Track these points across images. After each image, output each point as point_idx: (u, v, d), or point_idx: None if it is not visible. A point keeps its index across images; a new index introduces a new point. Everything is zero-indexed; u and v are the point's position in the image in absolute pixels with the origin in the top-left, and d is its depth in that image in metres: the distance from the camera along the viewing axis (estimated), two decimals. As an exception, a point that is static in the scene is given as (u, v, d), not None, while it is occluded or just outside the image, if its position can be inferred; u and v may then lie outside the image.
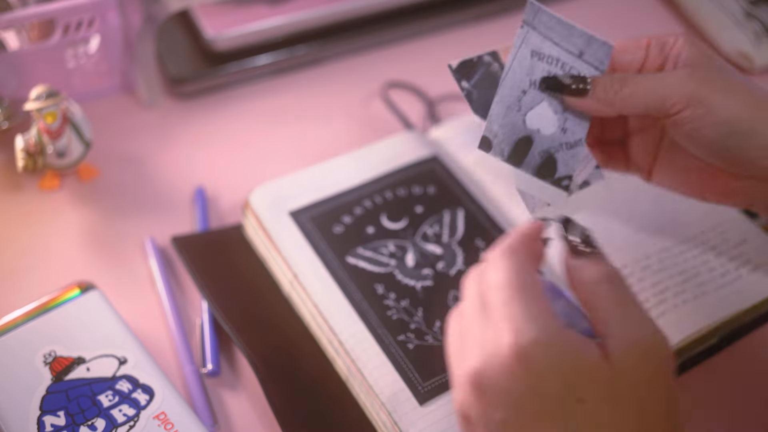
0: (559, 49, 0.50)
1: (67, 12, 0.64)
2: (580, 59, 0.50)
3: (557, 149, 0.50)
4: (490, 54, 0.50)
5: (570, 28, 0.51)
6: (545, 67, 0.50)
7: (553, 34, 0.50)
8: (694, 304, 0.56)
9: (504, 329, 0.37)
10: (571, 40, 0.50)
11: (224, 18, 0.73)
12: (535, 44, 0.50)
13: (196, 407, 0.51)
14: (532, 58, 0.50)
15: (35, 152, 0.60)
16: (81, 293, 0.53)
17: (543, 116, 0.50)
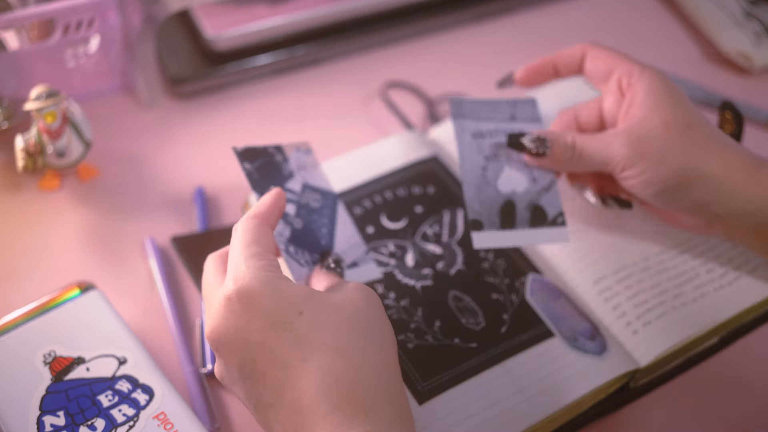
0: (494, 122, 0.56)
1: (66, 12, 0.64)
2: (514, 122, 0.56)
3: (538, 197, 0.54)
4: (276, 147, 0.54)
5: (493, 103, 0.57)
6: (490, 140, 0.55)
7: (481, 113, 0.56)
8: (694, 306, 0.56)
9: (226, 281, 0.42)
10: (499, 110, 0.57)
11: (224, 18, 0.73)
12: (471, 128, 0.55)
13: (195, 407, 0.51)
14: (475, 139, 0.55)
15: (35, 152, 0.60)
16: (81, 293, 0.53)
17: (511, 178, 0.55)
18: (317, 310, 0.41)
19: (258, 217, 0.46)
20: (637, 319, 0.55)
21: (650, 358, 0.53)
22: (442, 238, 0.58)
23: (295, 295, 0.41)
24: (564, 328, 0.54)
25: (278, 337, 0.40)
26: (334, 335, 0.40)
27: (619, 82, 0.55)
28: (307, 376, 0.39)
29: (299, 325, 0.40)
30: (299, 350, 0.40)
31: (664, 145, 0.51)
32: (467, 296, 0.55)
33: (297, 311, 0.40)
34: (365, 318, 0.42)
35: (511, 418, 0.49)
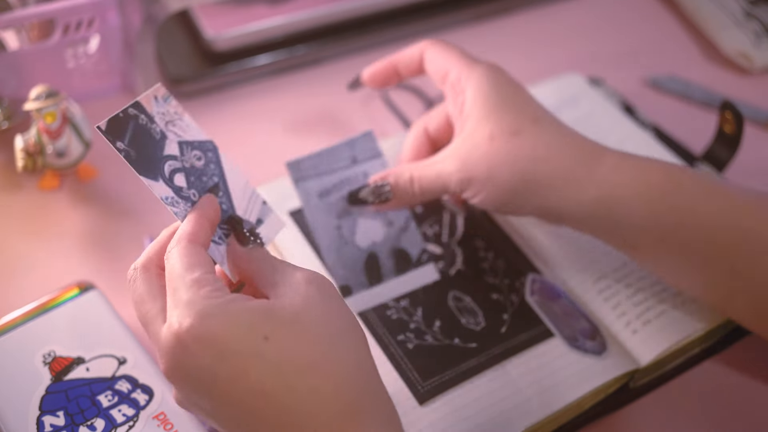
0: (337, 173, 0.54)
1: (66, 12, 0.64)
2: (356, 164, 0.55)
3: (398, 240, 0.55)
4: (133, 105, 0.45)
5: (331, 151, 0.55)
6: (337, 195, 0.54)
7: (322, 167, 0.54)
8: (694, 305, 0.56)
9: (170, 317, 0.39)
10: (339, 157, 0.55)
11: (224, 18, 0.73)
12: (316, 189, 0.54)
13: (195, 407, 0.51)
14: (322, 199, 0.54)
15: (35, 152, 0.60)
16: (80, 293, 0.53)
17: (368, 229, 0.54)
18: (280, 328, 0.39)
19: (186, 237, 0.42)
20: (636, 318, 0.55)
21: (650, 357, 0.53)
22: (441, 238, 0.58)
23: (253, 319, 0.38)
24: (564, 328, 0.54)
25: (251, 368, 0.38)
26: (306, 351, 0.38)
27: (454, 85, 0.54)
28: (289, 400, 0.38)
29: (269, 353, 0.38)
30: (276, 377, 0.38)
31: (491, 162, 0.50)
32: (467, 296, 0.55)
33: (262, 336, 0.38)
34: (327, 317, 0.40)
35: (511, 418, 0.49)
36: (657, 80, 0.75)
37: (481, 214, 0.60)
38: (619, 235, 0.51)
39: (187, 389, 0.40)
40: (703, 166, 0.65)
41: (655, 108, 0.72)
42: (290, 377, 0.38)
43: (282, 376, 0.38)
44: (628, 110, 0.70)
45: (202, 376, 0.38)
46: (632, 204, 0.49)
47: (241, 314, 0.39)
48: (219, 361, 0.38)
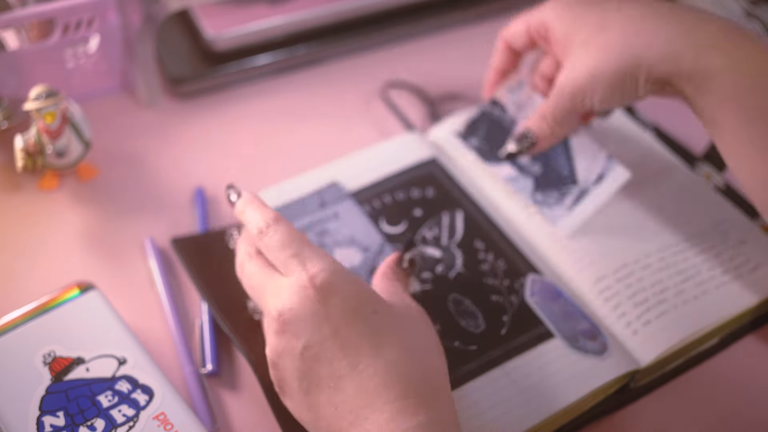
0: (309, 215, 0.58)
1: (66, 12, 0.63)
2: (325, 208, 0.58)
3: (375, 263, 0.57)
4: (491, 102, 0.58)
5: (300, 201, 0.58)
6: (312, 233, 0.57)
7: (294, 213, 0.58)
8: (695, 304, 0.56)
9: (298, 271, 0.44)
10: (308, 204, 0.58)
11: (224, 18, 0.73)
12: None
13: (195, 408, 0.51)
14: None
15: (34, 152, 0.60)
16: (80, 293, 0.53)
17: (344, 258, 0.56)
18: (389, 311, 0.45)
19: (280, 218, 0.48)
20: (637, 318, 0.55)
21: (651, 358, 0.53)
22: (441, 241, 0.58)
23: (371, 294, 0.45)
24: (564, 329, 0.54)
25: (354, 327, 0.43)
26: (403, 336, 0.44)
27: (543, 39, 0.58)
28: (375, 365, 0.42)
29: (374, 321, 0.43)
30: (373, 342, 0.43)
31: (592, 60, 0.53)
32: (467, 299, 0.55)
33: (372, 309, 0.44)
34: (425, 331, 0.47)
35: (512, 419, 0.49)
36: (657, 80, 0.75)
37: (480, 214, 0.60)
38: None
39: (291, 332, 0.43)
40: (704, 166, 0.65)
41: (655, 108, 0.72)
42: (381, 344, 0.43)
43: (374, 340, 0.43)
44: (628, 110, 0.69)
45: (314, 318, 0.43)
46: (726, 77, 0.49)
47: (361, 284, 0.45)
48: (333, 308, 0.43)
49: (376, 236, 0.57)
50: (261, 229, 0.47)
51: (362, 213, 0.58)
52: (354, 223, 0.58)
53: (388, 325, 0.44)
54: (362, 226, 0.58)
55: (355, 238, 0.57)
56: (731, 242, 0.60)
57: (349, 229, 0.57)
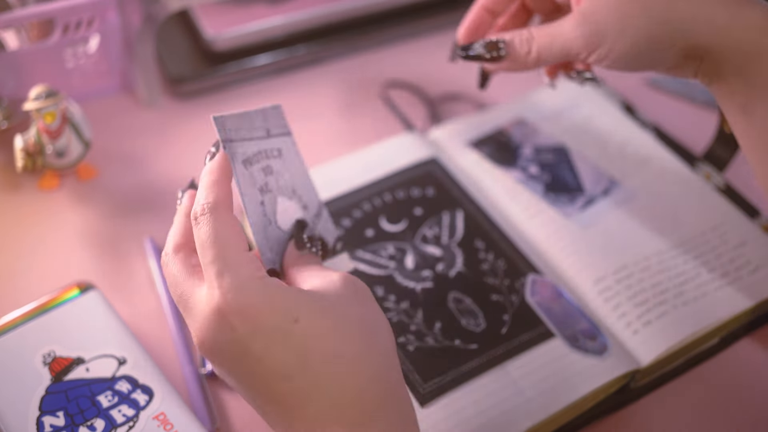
0: (255, 142, 0.49)
1: (66, 12, 0.63)
2: (270, 138, 0.49)
3: (314, 227, 0.49)
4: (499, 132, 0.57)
5: (247, 116, 0.49)
6: (258, 167, 0.48)
7: (243, 133, 0.48)
8: (695, 305, 0.56)
9: (211, 286, 0.39)
10: (255, 126, 0.49)
11: (224, 18, 0.73)
12: (241, 154, 0.48)
13: (195, 408, 0.51)
14: (247, 168, 0.48)
15: (34, 152, 0.60)
16: (80, 293, 0.53)
17: (287, 210, 0.49)
18: (313, 315, 0.39)
19: (220, 205, 0.42)
20: (637, 318, 0.55)
21: (651, 358, 0.53)
22: (441, 240, 0.58)
23: (288, 301, 0.39)
24: (564, 329, 0.54)
25: (276, 348, 0.38)
26: (333, 341, 0.39)
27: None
28: (309, 386, 0.38)
29: (296, 334, 0.38)
30: (300, 361, 0.38)
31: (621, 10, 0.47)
32: (467, 297, 0.55)
33: (292, 318, 0.39)
34: (360, 317, 0.41)
35: (512, 418, 0.49)
36: (657, 80, 0.75)
37: (480, 214, 0.60)
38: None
39: (217, 362, 0.40)
40: (704, 166, 0.65)
41: (655, 108, 0.72)
42: (314, 364, 0.38)
43: (306, 361, 0.38)
44: (629, 110, 0.69)
45: (233, 349, 0.39)
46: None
47: (277, 295, 0.39)
48: (251, 337, 0.38)
49: (315, 197, 0.50)
50: (195, 214, 0.42)
51: (301, 160, 0.50)
52: (295, 170, 0.50)
53: (314, 331, 0.39)
54: (301, 177, 0.50)
55: (296, 191, 0.49)
56: (731, 243, 0.59)
57: (291, 175, 0.50)
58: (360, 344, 0.40)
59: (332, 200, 0.60)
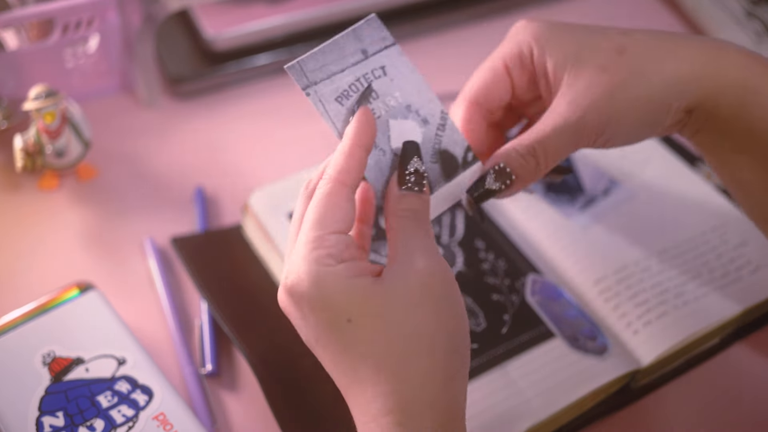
0: (349, 70, 0.44)
1: (66, 11, 0.63)
2: (368, 58, 0.45)
3: (438, 140, 0.45)
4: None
5: (334, 44, 0.44)
6: (356, 97, 0.44)
7: (331, 67, 0.44)
8: (695, 306, 0.56)
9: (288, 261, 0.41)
10: (347, 51, 0.45)
11: (224, 17, 0.73)
12: (330, 93, 0.44)
13: (195, 408, 0.51)
14: (342, 104, 0.44)
15: (34, 152, 0.60)
16: (80, 293, 0.53)
17: (402, 131, 0.45)
18: (365, 320, 0.39)
19: (333, 180, 0.41)
20: (637, 318, 0.55)
21: (651, 358, 0.53)
22: (441, 240, 0.58)
23: (343, 299, 0.39)
24: (565, 329, 0.54)
25: (330, 339, 0.40)
26: (382, 347, 0.39)
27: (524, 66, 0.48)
28: (351, 380, 0.39)
29: (347, 333, 0.39)
30: (347, 358, 0.39)
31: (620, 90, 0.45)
32: (467, 297, 0.55)
33: (345, 318, 0.39)
34: (419, 319, 0.39)
35: (513, 418, 0.49)
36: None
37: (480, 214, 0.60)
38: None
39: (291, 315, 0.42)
40: (704, 166, 0.65)
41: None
42: (355, 360, 0.39)
43: (348, 355, 0.39)
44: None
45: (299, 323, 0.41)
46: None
47: (334, 291, 0.39)
48: (307, 325, 0.40)
49: (436, 106, 0.45)
50: (311, 180, 0.43)
51: (412, 69, 0.46)
52: (406, 83, 0.45)
53: (363, 336, 0.39)
54: (416, 88, 0.45)
55: (411, 106, 0.45)
56: (732, 243, 0.59)
57: (402, 92, 0.45)
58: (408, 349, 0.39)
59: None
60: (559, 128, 0.45)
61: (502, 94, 0.49)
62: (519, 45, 0.48)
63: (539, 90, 0.49)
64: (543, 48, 0.47)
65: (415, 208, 0.42)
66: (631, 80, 0.45)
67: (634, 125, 0.46)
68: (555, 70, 0.46)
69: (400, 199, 0.43)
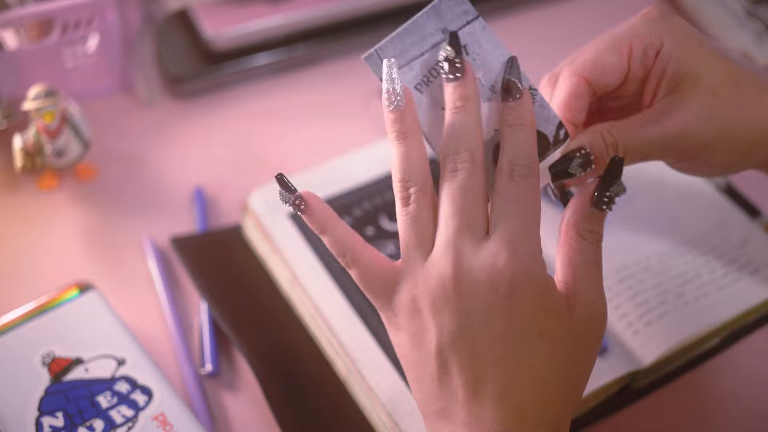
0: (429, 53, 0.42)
1: (65, 11, 0.63)
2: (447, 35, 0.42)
3: None
4: None
5: (412, 27, 0.42)
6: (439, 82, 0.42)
7: (411, 51, 0.42)
8: (696, 306, 0.55)
9: (501, 251, 0.39)
10: (426, 33, 0.42)
11: (223, 17, 0.72)
12: (411, 80, 0.42)
13: (194, 408, 0.51)
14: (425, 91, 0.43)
15: (33, 152, 0.60)
16: (80, 294, 0.53)
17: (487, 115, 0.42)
18: (553, 342, 0.39)
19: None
20: (638, 319, 0.55)
21: (652, 358, 0.53)
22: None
23: (546, 312, 0.39)
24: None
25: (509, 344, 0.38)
26: (554, 371, 0.39)
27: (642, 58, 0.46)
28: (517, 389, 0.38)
29: (535, 349, 0.38)
30: (525, 371, 0.38)
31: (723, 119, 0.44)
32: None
33: (537, 332, 0.38)
34: (579, 357, 0.40)
35: (512, 419, 0.49)
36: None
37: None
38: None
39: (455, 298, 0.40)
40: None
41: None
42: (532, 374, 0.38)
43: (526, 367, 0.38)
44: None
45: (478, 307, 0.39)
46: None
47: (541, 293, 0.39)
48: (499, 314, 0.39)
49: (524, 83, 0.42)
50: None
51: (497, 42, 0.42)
52: (491, 60, 0.42)
53: (548, 359, 0.39)
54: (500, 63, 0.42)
55: (495, 87, 0.42)
56: (732, 243, 0.59)
57: (486, 70, 0.42)
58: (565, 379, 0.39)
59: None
60: (653, 133, 0.44)
61: (614, 80, 0.46)
62: (652, 34, 0.45)
63: (643, 88, 0.46)
64: (675, 48, 0.44)
65: (600, 232, 0.42)
66: (740, 112, 0.44)
67: (726, 155, 0.45)
68: (674, 75, 0.44)
69: (589, 217, 0.41)
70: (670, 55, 0.44)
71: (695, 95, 0.44)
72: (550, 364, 0.39)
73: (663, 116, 0.44)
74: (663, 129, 0.44)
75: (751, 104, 0.44)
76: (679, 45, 0.45)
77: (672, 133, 0.44)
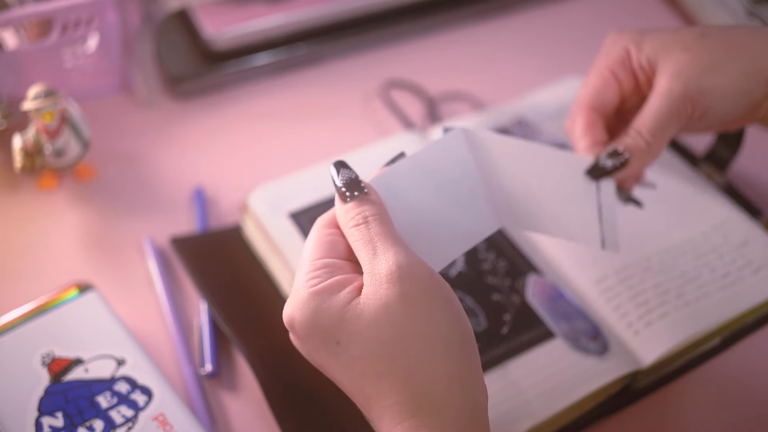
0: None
1: (65, 11, 0.63)
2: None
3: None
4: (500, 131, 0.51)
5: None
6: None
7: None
8: (696, 306, 0.55)
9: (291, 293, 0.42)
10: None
11: (223, 17, 0.72)
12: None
13: (194, 408, 0.51)
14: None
15: (33, 152, 0.60)
16: (79, 294, 0.53)
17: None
18: (351, 339, 0.39)
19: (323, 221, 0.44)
20: (639, 319, 0.55)
21: (652, 358, 0.53)
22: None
23: (329, 323, 0.40)
24: (565, 329, 0.54)
25: (329, 367, 0.41)
26: (373, 362, 0.39)
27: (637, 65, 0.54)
28: (364, 400, 0.40)
29: (340, 355, 0.40)
30: (346, 377, 0.40)
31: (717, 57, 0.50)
32: (468, 297, 0.55)
33: (334, 341, 0.40)
34: (400, 329, 0.39)
35: (513, 419, 0.49)
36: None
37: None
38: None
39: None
40: (705, 165, 0.65)
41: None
42: (353, 378, 0.40)
43: (351, 378, 0.40)
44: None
45: (304, 354, 0.42)
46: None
47: (320, 316, 0.40)
48: (307, 354, 0.42)
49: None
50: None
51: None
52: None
53: (355, 354, 0.39)
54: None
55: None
56: (733, 243, 0.59)
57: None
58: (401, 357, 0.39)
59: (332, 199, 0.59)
60: (656, 105, 0.51)
61: (613, 97, 0.54)
62: (618, 50, 0.53)
63: (642, 89, 0.54)
64: (638, 46, 0.53)
65: (354, 220, 0.42)
66: (719, 54, 0.50)
67: (727, 93, 0.50)
68: (649, 60, 0.52)
69: (346, 212, 0.43)
70: (639, 50, 0.53)
71: (671, 59, 0.51)
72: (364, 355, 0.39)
73: (657, 90, 0.51)
74: (660, 98, 0.51)
75: (726, 42, 0.51)
76: (641, 40, 0.53)
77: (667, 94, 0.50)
